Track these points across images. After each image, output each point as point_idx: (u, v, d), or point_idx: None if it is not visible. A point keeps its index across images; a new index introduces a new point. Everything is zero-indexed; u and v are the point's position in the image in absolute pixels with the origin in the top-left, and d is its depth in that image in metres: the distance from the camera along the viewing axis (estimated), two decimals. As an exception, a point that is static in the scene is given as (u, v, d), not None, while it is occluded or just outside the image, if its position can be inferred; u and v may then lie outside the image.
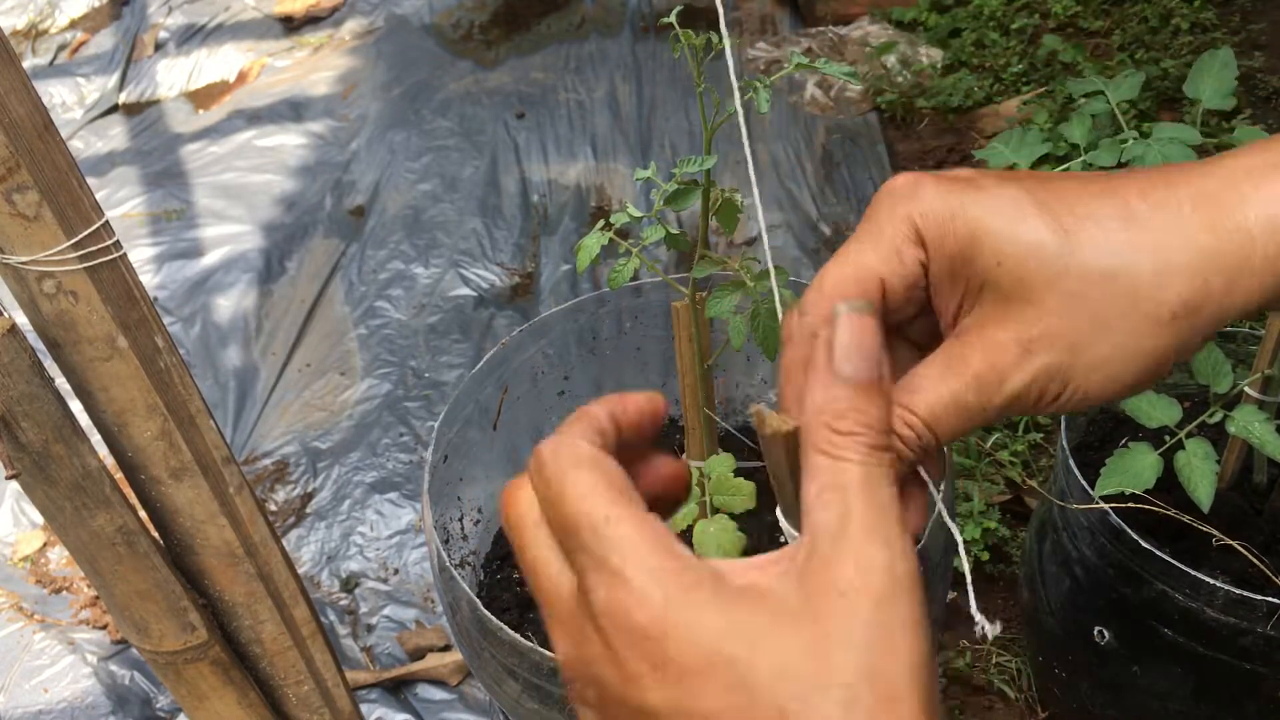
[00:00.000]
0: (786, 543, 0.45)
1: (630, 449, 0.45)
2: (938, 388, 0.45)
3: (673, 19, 0.91)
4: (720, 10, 0.78)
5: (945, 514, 0.53)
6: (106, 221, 0.67)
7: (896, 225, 0.45)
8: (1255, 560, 1.04)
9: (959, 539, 0.49)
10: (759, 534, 1.35)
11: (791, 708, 0.36)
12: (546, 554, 0.42)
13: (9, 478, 0.69)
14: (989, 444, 1.80)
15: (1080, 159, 1.13)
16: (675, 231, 1.01)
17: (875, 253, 0.46)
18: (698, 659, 0.38)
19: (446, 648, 1.67)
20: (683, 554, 0.40)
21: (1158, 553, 1.07)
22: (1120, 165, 1.09)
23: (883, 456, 0.41)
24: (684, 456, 1.19)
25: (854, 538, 0.39)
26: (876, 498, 0.40)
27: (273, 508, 1.95)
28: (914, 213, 0.45)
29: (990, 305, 0.44)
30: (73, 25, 3.61)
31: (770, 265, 0.84)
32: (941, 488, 0.52)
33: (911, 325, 0.50)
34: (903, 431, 0.45)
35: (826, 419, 0.41)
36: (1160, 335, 0.43)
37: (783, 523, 0.49)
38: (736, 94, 0.83)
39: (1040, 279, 0.43)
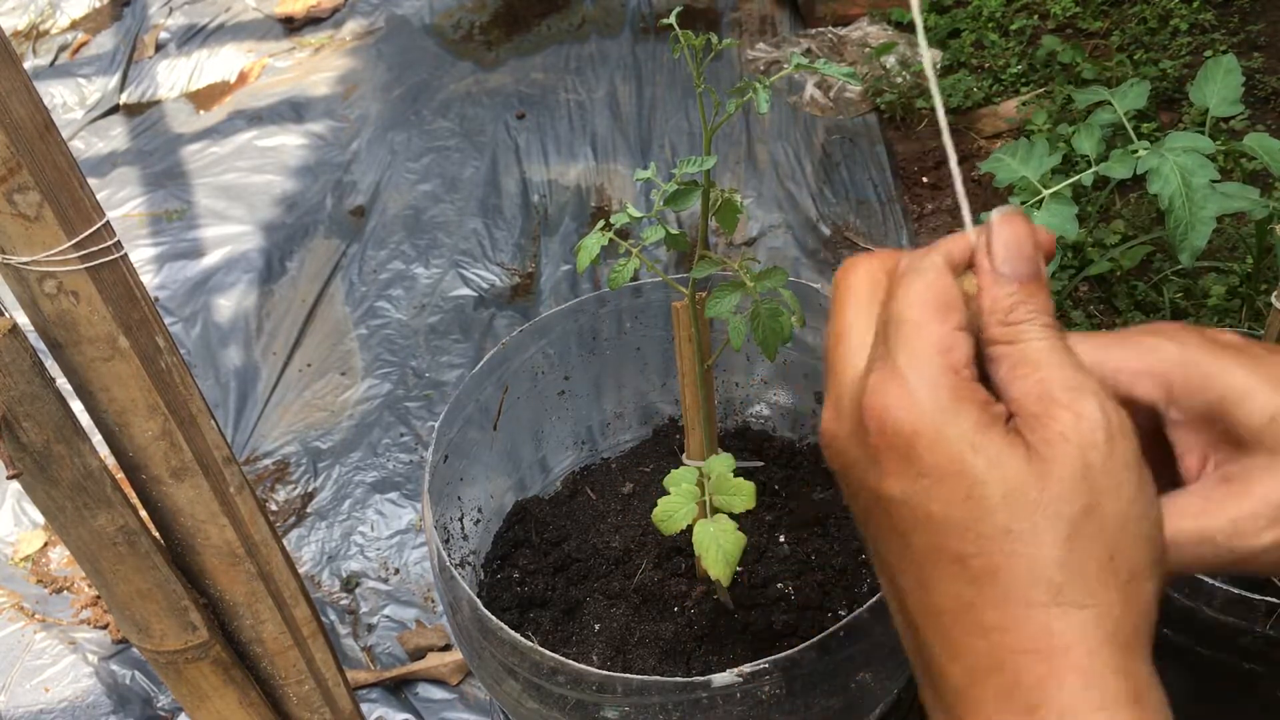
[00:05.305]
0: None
1: None
2: (1191, 519, 0.46)
3: (673, 20, 0.92)
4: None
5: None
6: (107, 222, 0.67)
7: (1148, 360, 0.47)
8: (1254, 560, 1.04)
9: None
10: (759, 533, 1.35)
11: (1016, 528, 0.40)
12: (859, 327, 0.47)
13: (10, 477, 0.69)
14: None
15: (1090, 170, 1.13)
16: (675, 232, 1.01)
17: (1127, 362, 0.47)
18: (941, 463, 0.41)
19: (447, 647, 1.67)
20: (965, 375, 0.43)
21: (1157, 552, 1.07)
22: (1135, 176, 1.08)
23: (1057, 334, 0.44)
24: (684, 456, 1.19)
25: (1063, 394, 0.42)
26: (1069, 360, 0.43)
27: (273, 507, 1.95)
28: (1173, 363, 0.47)
29: (1257, 458, 0.46)
30: (73, 26, 3.61)
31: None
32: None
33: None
34: None
35: (999, 316, 0.45)
36: None
37: None
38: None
39: None
